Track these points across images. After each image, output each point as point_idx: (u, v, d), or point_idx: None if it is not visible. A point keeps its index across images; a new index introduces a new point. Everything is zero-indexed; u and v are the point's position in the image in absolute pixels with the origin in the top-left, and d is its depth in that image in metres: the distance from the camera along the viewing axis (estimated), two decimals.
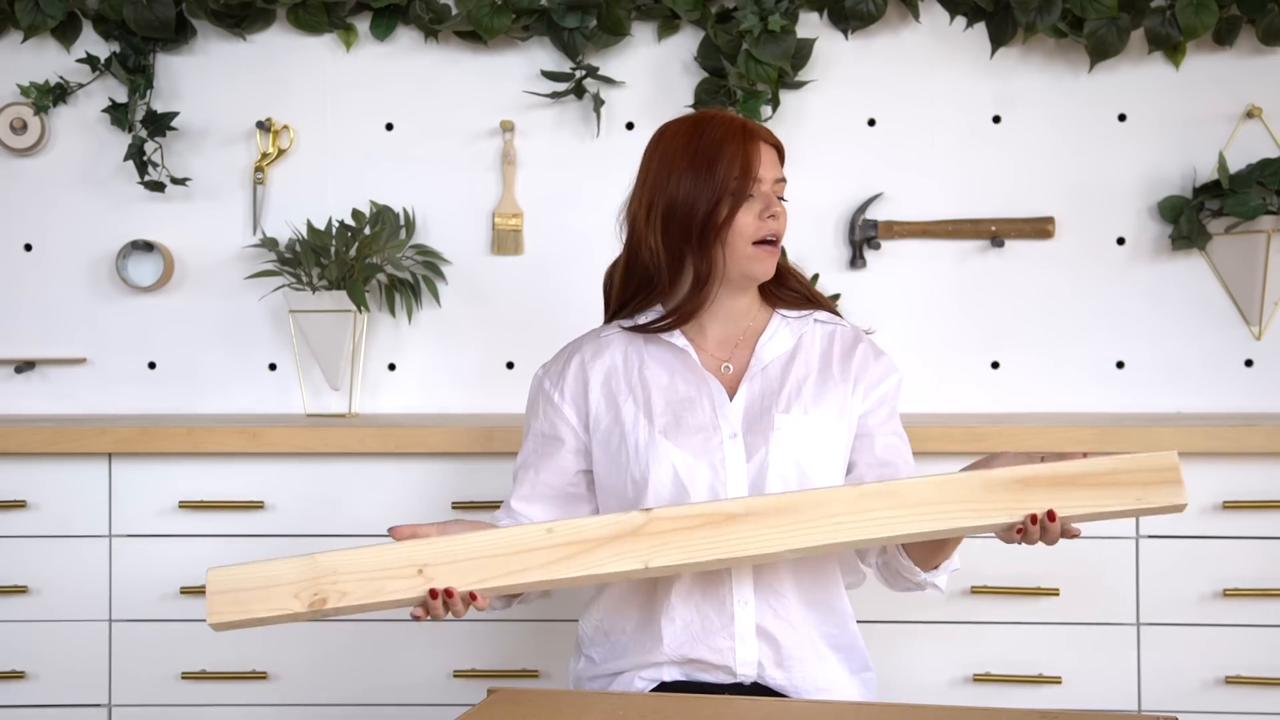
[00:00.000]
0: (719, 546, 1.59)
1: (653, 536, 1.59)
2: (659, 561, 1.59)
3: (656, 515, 1.60)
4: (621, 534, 1.59)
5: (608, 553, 1.59)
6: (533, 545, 1.59)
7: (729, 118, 1.77)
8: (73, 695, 2.31)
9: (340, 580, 1.58)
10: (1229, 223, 2.56)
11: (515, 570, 1.59)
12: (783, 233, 1.76)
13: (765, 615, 1.73)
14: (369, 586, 1.59)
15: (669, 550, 1.59)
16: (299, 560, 1.59)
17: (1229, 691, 2.23)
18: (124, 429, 2.29)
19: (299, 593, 1.58)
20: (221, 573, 1.60)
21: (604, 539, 1.59)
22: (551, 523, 1.61)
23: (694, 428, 1.74)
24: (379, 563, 1.59)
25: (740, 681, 1.74)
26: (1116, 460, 1.59)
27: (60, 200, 2.72)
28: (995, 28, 2.62)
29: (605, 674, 1.81)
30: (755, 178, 1.72)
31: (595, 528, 1.60)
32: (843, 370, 1.79)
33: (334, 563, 1.59)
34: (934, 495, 1.59)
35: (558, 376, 1.83)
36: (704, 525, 1.59)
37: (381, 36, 2.69)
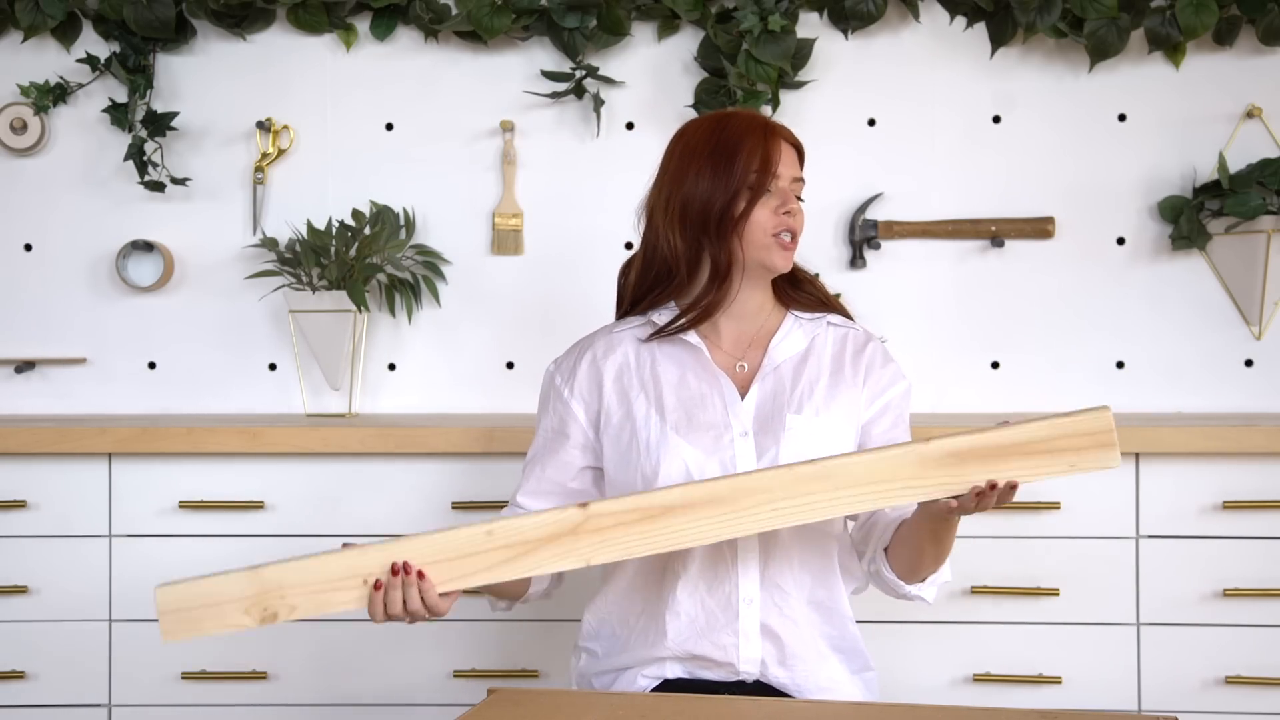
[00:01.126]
0: (658, 540, 1.59)
1: (592, 534, 1.59)
2: (600, 558, 1.60)
3: (594, 512, 1.59)
4: (561, 533, 1.59)
5: (549, 553, 1.59)
6: (474, 549, 1.60)
7: (751, 115, 1.79)
8: (73, 695, 2.31)
9: (287, 594, 1.60)
10: (1229, 223, 2.56)
11: (460, 575, 1.60)
12: (799, 231, 1.77)
13: (770, 613, 1.74)
14: (316, 599, 1.60)
15: (609, 547, 1.59)
16: (244, 575, 1.60)
17: (1229, 691, 2.23)
18: (124, 429, 2.29)
19: (248, 609, 1.60)
20: (170, 591, 1.62)
21: (543, 539, 1.59)
22: (490, 524, 1.60)
23: (705, 425, 1.75)
24: (324, 574, 1.60)
25: (743, 679, 1.75)
26: (1051, 425, 1.56)
27: (60, 200, 2.72)
28: (995, 28, 2.62)
29: (609, 669, 1.81)
30: (774, 173, 1.73)
31: (534, 528, 1.59)
32: (854, 372, 1.80)
33: (279, 577, 1.59)
34: (869, 474, 1.57)
35: (569, 373, 1.84)
36: (641, 519, 1.59)
37: (381, 36, 2.69)
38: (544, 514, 1.60)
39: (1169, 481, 2.24)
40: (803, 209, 1.79)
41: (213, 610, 1.61)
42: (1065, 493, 2.23)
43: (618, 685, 1.79)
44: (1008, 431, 1.56)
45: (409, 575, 1.58)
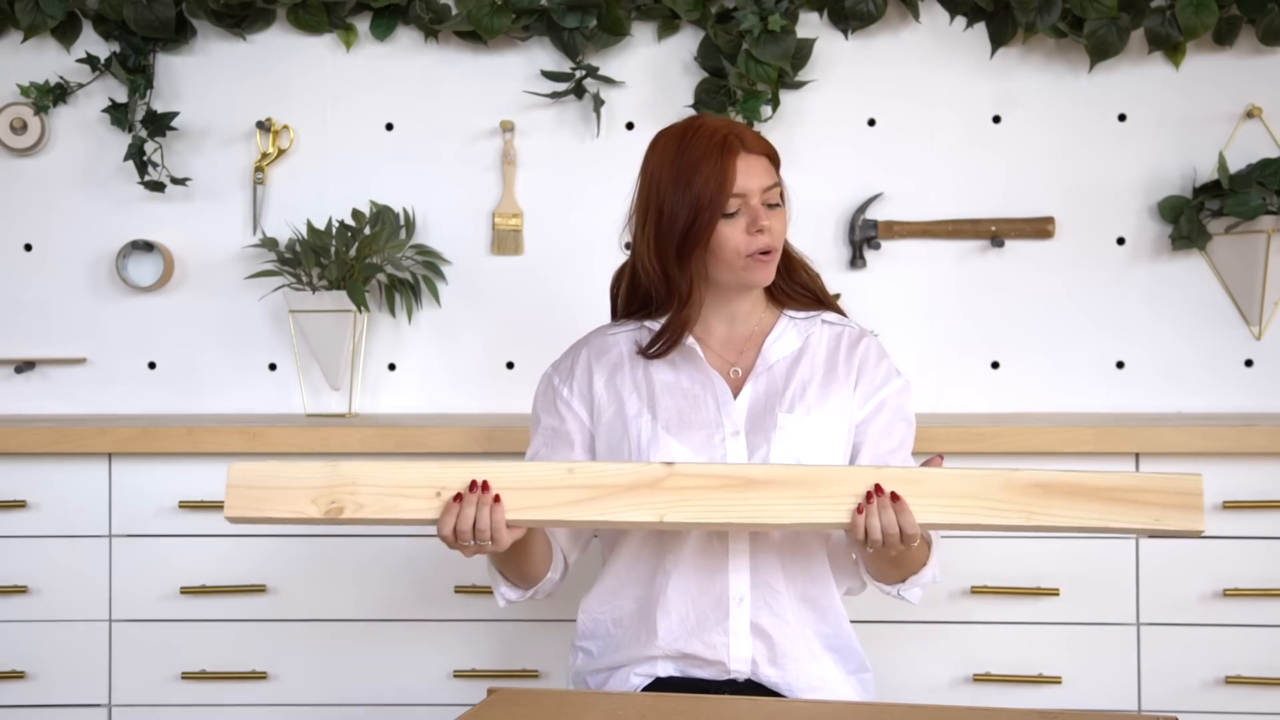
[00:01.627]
0: (735, 510, 1.59)
1: (671, 491, 1.59)
2: (674, 516, 1.59)
3: (678, 470, 1.60)
4: (641, 484, 1.59)
5: (626, 501, 1.59)
6: (553, 483, 1.60)
7: (713, 128, 1.74)
8: (73, 695, 2.31)
9: (358, 491, 1.59)
10: (1229, 223, 2.56)
11: (534, 506, 1.59)
12: (778, 242, 1.75)
13: (760, 612, 1.74)
14: (386, 502, 1.59)
15: (685, 506, 1.59)
16: (320, 464, 1.60)
17: (1229, 691, 2.23)
18: (124, 429, 2.29)
19: (316, 498, 1.59)
20: (243, 468, 1.61)
21: (624, 486, 1.59)
22: (572, 463, 1.61)
23: (697, 424, 1.75)
24: (399, 479, 1.60)
25: (734, 679, 1.75)
26: (1141, 477, 1.58)
27: (60, 200, 2.72)
28: (995, 28, 2.62)
29: (603, 668, 1.81)
30: (731, 194, 1.70)
31: (616, 474, 1.60)
32: (846, 370, 1.80)
33: (354, 473, 1.59)
34: (953, 488, 1.59)
35: (567, 373, 1.85)
36: (723, 487, 1.59)
37: (381, 36, 2.69)
38: (626, 463, 1.61)
39: None
40: (783, 213, 1.76)
41: (281, 493, 1.60)
42: None
43: (610, 684, 1.79)
44: (1099, 475, 1.58)
45: (485, 493, 1.57)
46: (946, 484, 1.58)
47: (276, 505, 1.60)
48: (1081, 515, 1.57)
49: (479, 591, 2.28)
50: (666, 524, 1.60)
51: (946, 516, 1.58)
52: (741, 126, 1.76)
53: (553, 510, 1.60)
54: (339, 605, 2.29)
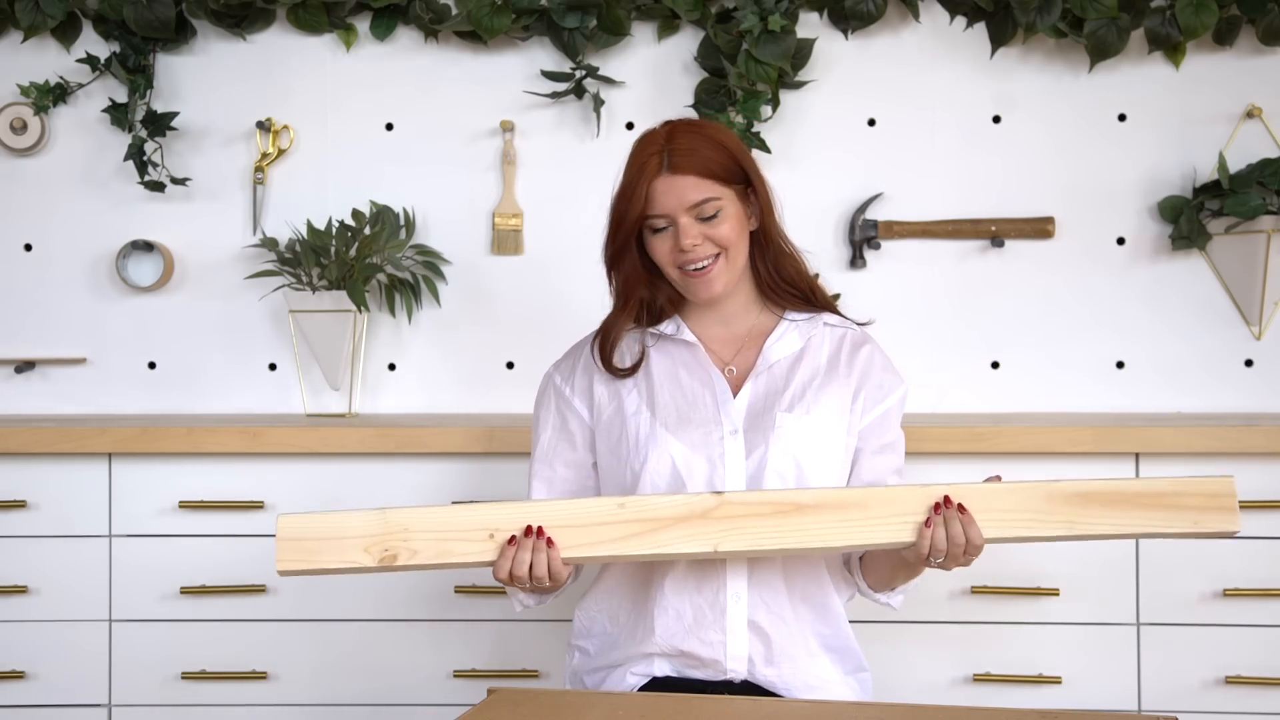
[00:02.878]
0: (787, 536, 1.62)
1: (723, 520, 1.61)
2: (728, 546, 1.61)
3: (728, 499, 1.62)
4: (692, 515, 1.61)
5: (678, 533, 1.61)
6: (604, 519, 1.61)
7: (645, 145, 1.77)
8: (73, 695, 2.31)
9: (411, 538, 1.60)
10: (1229, 223, 2.56)
11: (586, 543, 1.61)
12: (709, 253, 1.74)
13: (758, 610, 1.74)
14: (439, 547, 1.60)
15: (738, 535, 1.61)
16: (370, 514, 1.60)
17: (1229, 691, 2.23)
18: (124, 429, 2.29)
19: (369, 547, 1.59)
20: (292, 521, 1.61)
21: (675, 519, 1.61)
22: (622, 498, 1.63)
23: (695, 421, 1.75)
24: (451, 524, 1.61)
25: (730, 679, 1.75)
26: (1176, 482, 1.62)
27: (60, 200, 2.72)
28: (995, 28, 2.62)
29: (600, 666, 1.82)
30: (648, 215, 1.74)
31: (666, 507, 1.61)
32: (847, 371, 1.81)
33: (405, 520, 1.60)
34: (998, 503, 1.62)
35: (569, 372, 1.86)
36: (774, 514, 1.61)
37: (381, 36, 2.69)
38: (676, 495, 1.63)
39: None
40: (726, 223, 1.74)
41: (333, 544, 1.60)
42: None
43: (607, 683, 1.80)
44: (1136, 482, 1.62)
45: (540, 539, 1.60)
46: (992, 499, 1.62)
47: (329, 556, 1.60)
48: (1122, 523, 1.61)
49: (479, 591, 2.28)
50: (720, 553, 1.62)
51: (996, 531, 1.62)
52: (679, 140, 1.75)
53: (606, 546, 1.62)
54: (339, 605, 2.29)
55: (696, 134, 1.76)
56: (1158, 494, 1.62)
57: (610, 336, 1.83)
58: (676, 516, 1.61)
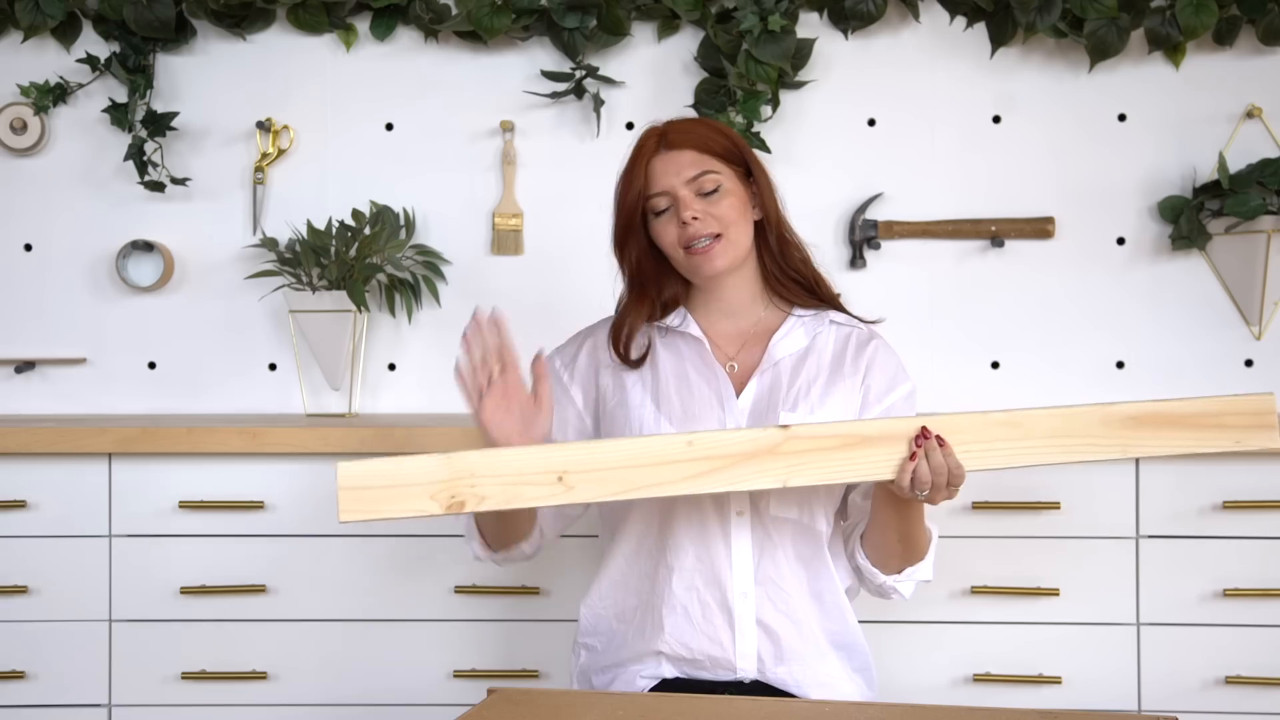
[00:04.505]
0: (855, 468, 1.62)
1: (791, 455, 1.60)
2: (797, 480, 1.61)
3: (794, 434, 1.61)
4: (759, 451, 1.60)
5: (748, 469, 1.60)
6: (673, 457, 1.59)
7: (642, 135, 1.81)
8: (73, 695, 2.31)
9: (479, 483, 1.57)
10: (1229, 223, 2.56)
11: (654, 483, 1.59)
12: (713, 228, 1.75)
13: (765, 608, 1.74)
14: (509, 490, 1.58)
15: (807, 469, 1.61)
16: (434, 459, 1.57)
17: (1229, 691, 2.23)
18: (124, 429, 2.29)
19: (435, 494, 1.56)
20: (353, 468, 1.56)
21: (744, 455, 1.60)
22: (690, 435, 1.61)
23: (699, 418, 1.76)
24: (518, 466, 1.58)
25: (740, 679, 1.75)
26: (1221, 401, 1.68)
27: (60, 200, 2.72)
28: (995, 28, 2.62)
29: (608, 665, 1.81)
30: (650, 194, 1.76)
31: (735, 443, 1.60)
32: (853, 369, 1.81)
33: (472, 464, 1.57)
34: (1058, 427, 1.64)
35: (571, 360, 1.87)
36: (841, 446, 1.61)
37: (381, 36, 2.69)
38: (743, 430, 1.62)
39: (1169, 481, 2.24)
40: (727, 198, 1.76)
41: (398, 492, 1.56)
42: (1065, 493, 2.23)
43: (616, 684, 1.79)
44: (1182, 403, 1.66)
45: None
46: (1050, 424, 1.64)
47: (394, 505, 1.56)
48: (1171, 443, 1.67)
49: (479, 591, 2.28)
50: (789, 489, 1.63)
51: (1054, 456, 1.65)
52: (674, 125, 1.80)
53: (675, 485, 1.59)
54: (339, 605, 2.29)
55: (694, 121, 1.84)
56: (1203, 414, 1.67)
57: (626, 328, 1.82)
58: (745, 453, 1.60)
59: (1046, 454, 1.65)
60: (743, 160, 1.80)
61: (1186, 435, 1.68)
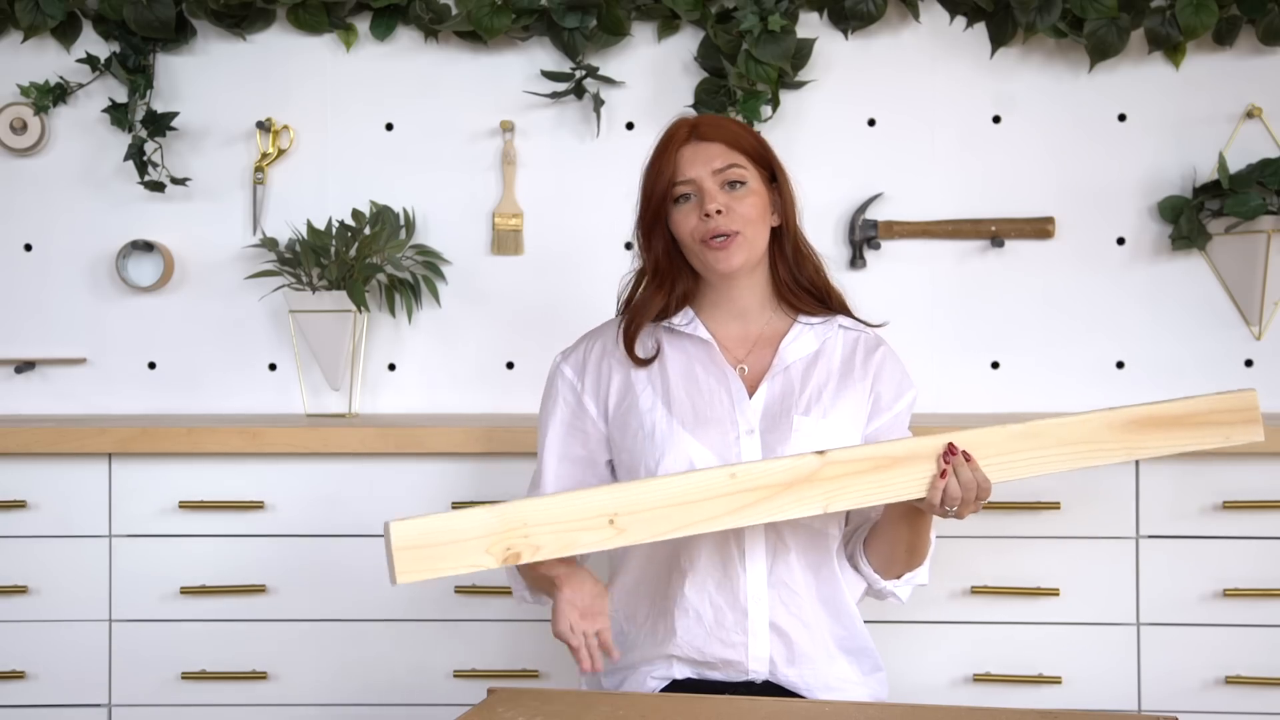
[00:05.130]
0: (891, 488, 1.65)
1: (829, 481, 1.63)
2: (838, 505, 1.64)
3: (831, 459, 1.64)
4: (798, 479, 1.63)
5: (789, 498, 1.62)
6: (717, 492, 1.61)
7: (673, 125, 1.82)
8: (73, 695, 2.31)
9: (532, 533, 1.58)
10: (1229, 223, 2.56)
11: (702, 518, 1.61)
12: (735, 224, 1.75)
13: (778, 612, 1.75)
14: (562, 539, 1.59)
15: (847, 493, 1.64)
16: (486, 512, 1.57)
17: (1229, 691, 2.23)
18: (124, 429, 2.29)
19: (490, 547, 1.57)
20: (405, 526, 1.55)
21: (784, 484, 1.62)
22: (732, 467, 1.63)
23: (711, 420, 1.75)
24: (570, 513, 1.59)
25: (752, 680, 1.75)
26: (1206, 400, 1.75)
27: (60, 200, 2.72)
28: (995, 28, 2.62)
29: (620, 668, 1.82)
30: (676, 181, 1.76)
31: (776, 473, 1.63)
32: (862, 374, 1.82)
33: (523, 514, 1.58)
34: (1070, 435, 1.70)
35: (580, 367, 1.85)
36: (874, 469, 1.64)
37: (381, 36, 2.69)
38: (782, 459, 1.64)
39: (1169, 481, 2.24)
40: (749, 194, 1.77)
41: (453, 549, 1.56)
42: (1065, 493, 2.23)
43: (627, 685, 1.79)
44: (1176, 404, 1.73)
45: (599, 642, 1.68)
46: (1063, 432, 1.69)
47: (450, 562, 1.56)
48: (1169, 444, 1.73)
49: (479, 591, 2.27)
50: (830, 513, 1.65)
51: (1067, 464, 1.70)
52: (706, 117, 1.83)
53: (722, 519, 1.61)
54: (339, 605, 2.29)
55: (725, 117, 1.85)
56: (1195, 413, 1.73)
57: (642, 316, 1.82)
58: (785, 481, 1.62)
59: (1063, 461, 1.70)
60: (769, 164, 1.81)
61: (1183, 435, 1.73)
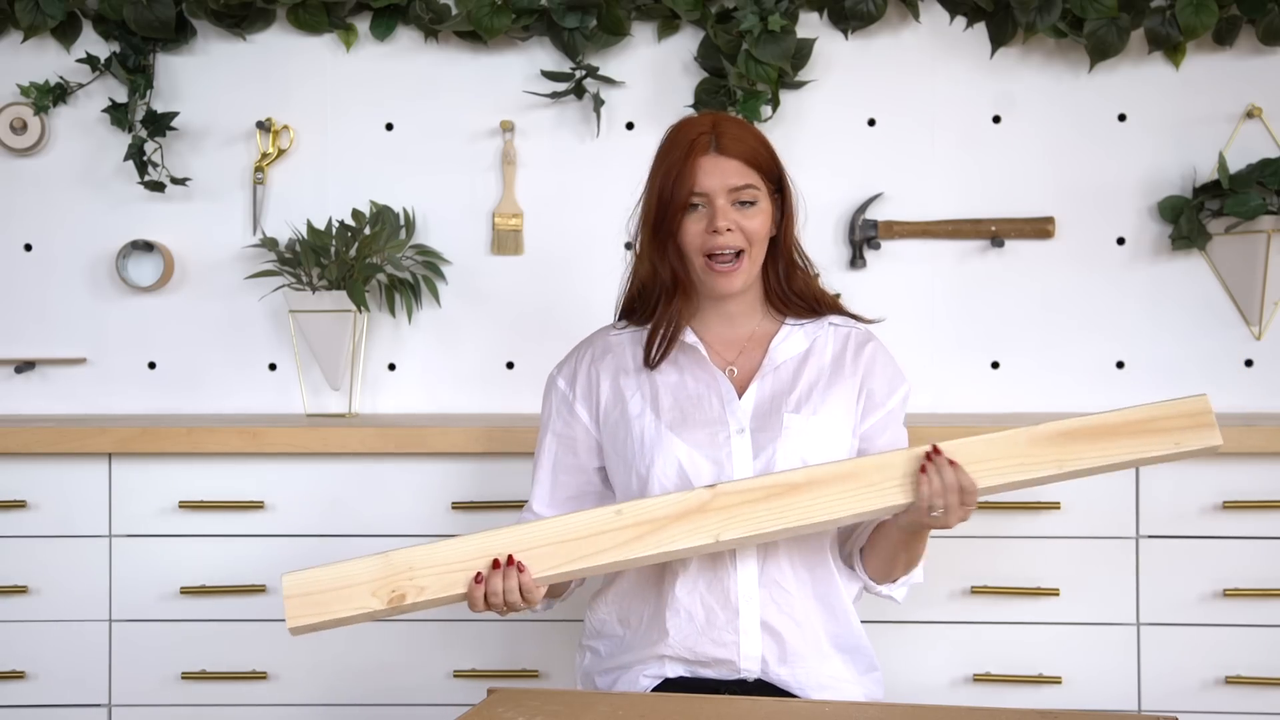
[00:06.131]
0: (785, 516, 1.64)
1: (720, 511, 1.63)
2: (729, 535, 1.63)
3: (721, 490, 1.64)
4: (689, 511, 1.63)
5: (678, 530, 1.63)
6: (604, 528, 1.63)
7: (691, 125, 1.79)
8: (73, 695, 2.31)
9: (417, 575, 1.62)
10: (1229, 223, 2.56)
11: (590, 553, 1.63)
12: (741, 243, 1.75)
13: (770, 611, 1.74)
14: (446, 579, 1.62)
15: (737, 523, 1.63)
16: (373, 559, 1.62)
17: (1229, 691, 2.23)
18: (124, 429, 2.29)
19: (376, 590, 1.61)
20: (296, 577, 1.63)
21: (672, 517, 1.63)
22: (620, 505, 1.65)
23: (700, 422, 1.76)
24: (455, 555, 1.63)
25: (744, 678, 1.75)
26: (1152, 408, 1.66)
27: (60, 200, 2.72)
28: (995, 28, 2.62)
29: (611, 668, 1.82)
30: (693, 191, 1.74)
31: (663, 507, 1.64)
32: (853, 371, 1.82)
33: (409, 559, 1.62)
34: (984, 452, 1.65)
35: (571, 376, 1.86)
36: (769, 497, 1.64)
37: (381, 36, 2.69)
38: (670, 495, 1.64)
39: (1169, 481, 2.24)
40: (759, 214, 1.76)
41: (341, 594, 1.62)
42: (1065, 493, 2.23)
43: (620, 684, 1.80)
44: (1113, 414, 1.66)
45: (510, 566, 1.63)
46: (977, 449, 1.65)
47: (338, 606, 1.62)
48: (1107, 455, 1.65)
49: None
50: (723, 543, 1.63)
51: (988, 480, 1.64)
52: (726, 127, 1.77)
53: (611, 553, 1.63)
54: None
55: (743, 126, 1.80)
56: (1137, 421, 1.66)
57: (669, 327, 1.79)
58: (673, 515, 1.63)
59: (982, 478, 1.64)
60: (778, 179, 1.81)
61: (1122, 444, 1.66)
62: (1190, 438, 1.66)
